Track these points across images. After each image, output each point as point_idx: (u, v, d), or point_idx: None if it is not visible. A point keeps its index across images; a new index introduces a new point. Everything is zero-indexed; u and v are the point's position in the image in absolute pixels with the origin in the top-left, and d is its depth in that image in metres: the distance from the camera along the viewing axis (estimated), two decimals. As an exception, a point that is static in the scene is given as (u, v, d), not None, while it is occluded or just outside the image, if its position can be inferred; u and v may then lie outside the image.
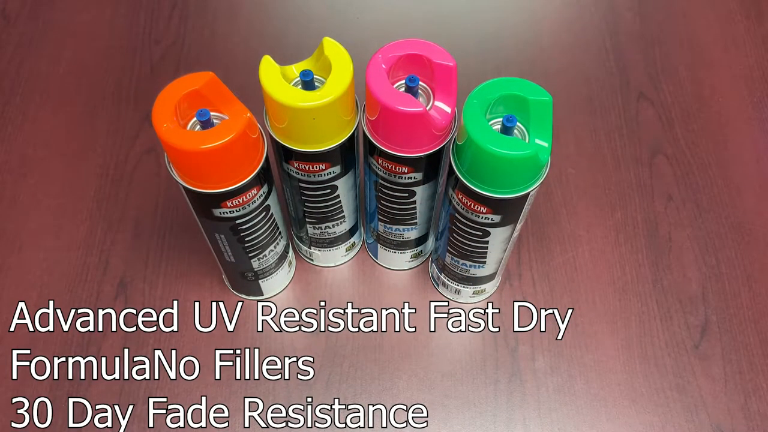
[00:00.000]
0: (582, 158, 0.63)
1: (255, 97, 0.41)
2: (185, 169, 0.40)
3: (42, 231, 0.58)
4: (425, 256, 0.57)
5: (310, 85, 0.40)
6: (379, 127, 0.41)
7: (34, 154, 0.62)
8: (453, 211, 0.45)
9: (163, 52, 0.69)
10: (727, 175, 0.62)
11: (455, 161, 0.41)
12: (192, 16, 0.72)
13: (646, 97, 0.67)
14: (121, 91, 0.66)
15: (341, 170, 0.45)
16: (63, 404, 0.50)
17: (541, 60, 0.69)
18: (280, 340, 0.53)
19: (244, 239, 0.46)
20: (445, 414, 0.50)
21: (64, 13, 0.72)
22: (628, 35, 0.71)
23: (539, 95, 0.38)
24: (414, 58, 0.41)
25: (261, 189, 0.43)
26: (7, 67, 0.67)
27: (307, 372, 0.52)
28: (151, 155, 0.62)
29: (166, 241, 0.57)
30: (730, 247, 0.58)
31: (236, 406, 0.50)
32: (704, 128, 0.65)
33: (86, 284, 0.55)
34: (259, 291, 0.54)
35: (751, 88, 0.67)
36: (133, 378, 0.51)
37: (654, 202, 0.60)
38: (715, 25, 0.72)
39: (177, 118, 0.38)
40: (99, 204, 0.59)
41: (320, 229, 0.52)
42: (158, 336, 0.53)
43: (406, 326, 0.54)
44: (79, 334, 0.53)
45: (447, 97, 0.41)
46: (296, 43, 0.69)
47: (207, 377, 0.51)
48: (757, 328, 0.54)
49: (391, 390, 0.51)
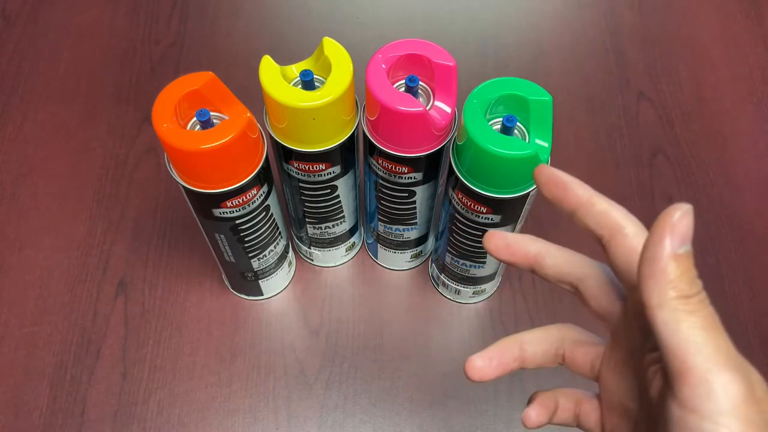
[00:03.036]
0: (582, 158, 0.63)
1: (255, 97, 0.41)
2: (185, 169, 0.40)
3: (42, 231, 0.58)
4: (425, 256, 0.57)
5: (310, 85, 0.40)
6: (379, 127, 0.41)
7: (34, 154, 0.62)
8: (453, 211, 0.45)
9: (163, 52, 0.69)
10: (727, 175, 0.62)
11: (455, 161, 0.41)
12: (192, 16, 0.72)
13: (646, 97, 0.67)
14: (121, 91, 0.66)
15: (341, 170, 0.45)
16: (63, 404, 0.50)
17: (541, 60, 0.69)
18: (280, 340, 0.53)
19: (244, 239, 0.46)
20: (446, 414, 0.50)
21: (64, 13, 0.72)
22: (628, 35, 0.71)
23: (539, 95, 0.38)
24: (414, 58, 0.41)
25: (261, 189, 0.43)
26: (7, 67, 0.68)
27: (307, 372, 0.52)
28: (151, 155, 0.62)
29: (166, 241, 0.57)
30: (730, 247, 0.58)
31: (236, 406, 0.50)
32: (704, 128, 0.65)
33: (86, 284, 0.55)
34: (259, 291, 0.54)
35: (751, 88, 0.67)
36: (133, 378, 0.51)
37: (654, 202, 0.60)
38: (715, 25, 0.72)
39: (177, 118, 0.38)
40: (99, 204, 0.59)
41: (320, 229, 0.52)
42: (158, 336, 0.53)
43: (406, 326, 0.54)
44: (79, 334, 0.53)
45: (447, 97, 0.41)
46: (296, 43, 0.69)
47: (207, 377, 0.51)
48: (757, 328, 0.54)
49: (391, 390, 0.51)
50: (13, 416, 0.49)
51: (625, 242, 0.24)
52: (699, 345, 0.21)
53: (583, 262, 0.28)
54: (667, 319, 0.21)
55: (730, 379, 0.20)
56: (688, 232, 0.21)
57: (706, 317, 0.21)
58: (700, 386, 0.20)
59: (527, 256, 0.28)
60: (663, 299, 0.21)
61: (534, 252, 0.28)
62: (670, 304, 0.21)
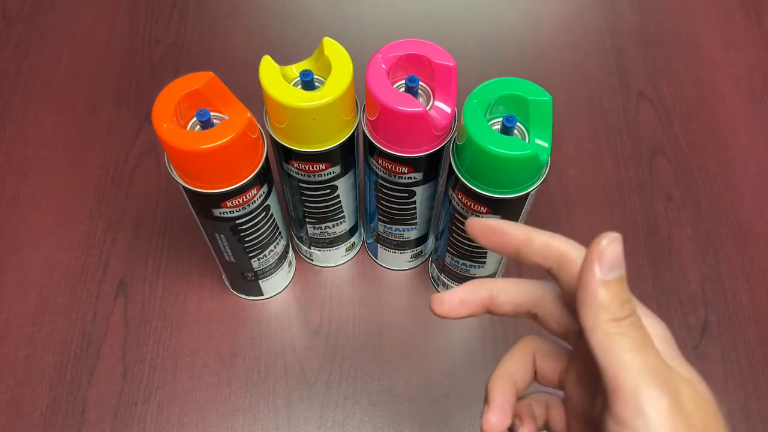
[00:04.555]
0: (582, 158, 0.63)
1: (255, 97, 0.41)
2: (185, 169, 0.40)
3: (42, 231, 0.58)
4: (425, 256, 0.57)
5: (310, 85, 0.40)
6: (379, 127, 0.41)
7: (34, 154, 0.62)
8: (453, 211, 0.45)
9: (163, 52, 0.69)
10: (727, 175, 0.62)
11: (455, 161, 0.41)
12: (192, 16, 0.72)
13: (646, 97, 0.67)
14: (121, 91, 0.66)
15: (341, 170, 0.45)
16: (63, 404, 0.50)
17: (541, 60, 0.69)
18: (280, 340, 0.53)
19: (244, 239, 0.46)
20: (446, 414, 0.50)
21: (64, 13, 0.72)
22: (628, 35, 0.71)
23: (539, 95, 0.38)
24: (414, 58, 0.41)
25: (261, 189, 0.43)
26: (7, 67, 0.67)
27: (307, 372, 0.52)
28: (151, 155, 0.62)
29: (166, 241, 0.57)
30: (730, 247, 0.58)
31: (236, 406, 0.50)
32: (704, 128, 0.65)
33: (86, 284, 0.55)
34: (259, 291, 0.54)
35: (751, 88, 0.67)
36: (133, 378, 0.51)
37: (654, 202, 0.60)
38: (715, 25, 0.72)
39: (177, 118, 0.38)
40: (99, 204, 0.59)
41: (320, 229, 0.52)
42: (158, 336, 0.53)
43: (406, 326, 0.54)
44: (79, 334, 0.53)
45: (447, 97, 0.41)
46: (296, 43, 0.69)
47: (207, 377, 0.51)
48: (757, 328, 0.54)
49: (391, 390, 0.51)
50: (13, 416, 0.49)
51: (571, 268, 0.25)
52: (628, 364, 0.22)
53: (536, 287, 0.28)
54: (600, 340, 0.23)
55: (657, 396, 0.22)
56: (616, 259, 0.23)
57: (636, 338, 0.23)
58: (629, 403, 0.22)
59: (482, 303, 0.28)
60: (596, 323, 0.23)
61: (486, 296, 0.28)
62: (602, 327, 0.23)
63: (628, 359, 0.22)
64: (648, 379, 0.22)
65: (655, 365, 0.23)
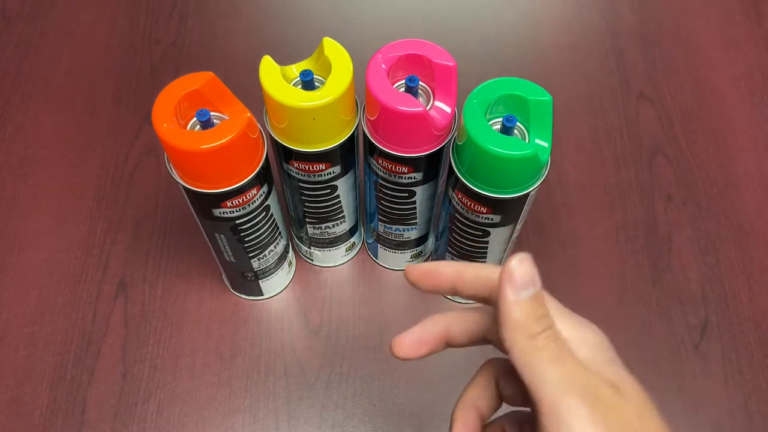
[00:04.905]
0: (582, 158, 0.63)
1: (255, 97, 0.41)
2: (185, 169, 0.40)
3: (42, 231, 0.58)
4: (425, 256, 0.57)
5: (310, 85, 0.40)
6: (379, 127, 0.41)
7: (34, 154, 0.62)
8: (453, 211, 0.45)
9: (163, 52, 0.69)
10: (727, 174, 0.62)
11: (455, 161, 0.42)
12: (192, 16, 0.72)
13: (646, 97, 0.67)
14: (121, 91, 0.66)
15: (341, 170, 0.45)
16: (63, 404, 0.50)
17: (541, 60, 0.69)
18: (280, 340, 0.53)
19: (244, 239, 0.46)
20: (446, 414, 0.50)
21: (64, 13, 0.72)
22: (628, 35, 0.71)
23: (539, 95, 0.38)
24: (414, 58, 0.41)
25: (261, 189, 0.43)
26: (7, 67, 0.67)
27: (307, 372, 0.52)
28: (151, 155, 0.62)
29: (166, 241, 0.57)
30: (730, 247, 0.58)
31: (236, 406, 0.50)
32: (704, 128, 0.65)
33: (86, 284, 0.55)
34: (259, 291, 0.54)
35: (751, 88, 0.67)
36: (133, 378, 0.51)
37: (654, 202, 0.60)
38: (715, 25, 0.72)
39: (177, 118, 0.38)
40: (99, 204, 0.59)
41: (320, 229, 0.52)
42: (158, 336, 0.53)
43: (406, 327, 0.54)
44: (79, 334, 0.53)
45: (447, 97, 0.41)
46: (296, 43, 0.69)
47: (207, 377, 0.51)
48: (757, 328, 0.54)
49: (391, 390, 0.51)
50: (13, 416, 0.49)
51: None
52: (547, 377, 0.23)
53: (486, 314, 0.29)
54: (520, 357, 0.24)
55: (575, 404, 0.22)
56: (526, 278, 0.24)
57: (554, 350, 0.24)
58: (552, 415, 0.23)
59: (439, 339, 0.29)
60: (514, 341, 0.24)
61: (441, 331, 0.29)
62: (519, 344, 0.24)
63: (547, 372, 0.23)
64: (566, 389, 0.23)
65: (573, 374, 0.23)
